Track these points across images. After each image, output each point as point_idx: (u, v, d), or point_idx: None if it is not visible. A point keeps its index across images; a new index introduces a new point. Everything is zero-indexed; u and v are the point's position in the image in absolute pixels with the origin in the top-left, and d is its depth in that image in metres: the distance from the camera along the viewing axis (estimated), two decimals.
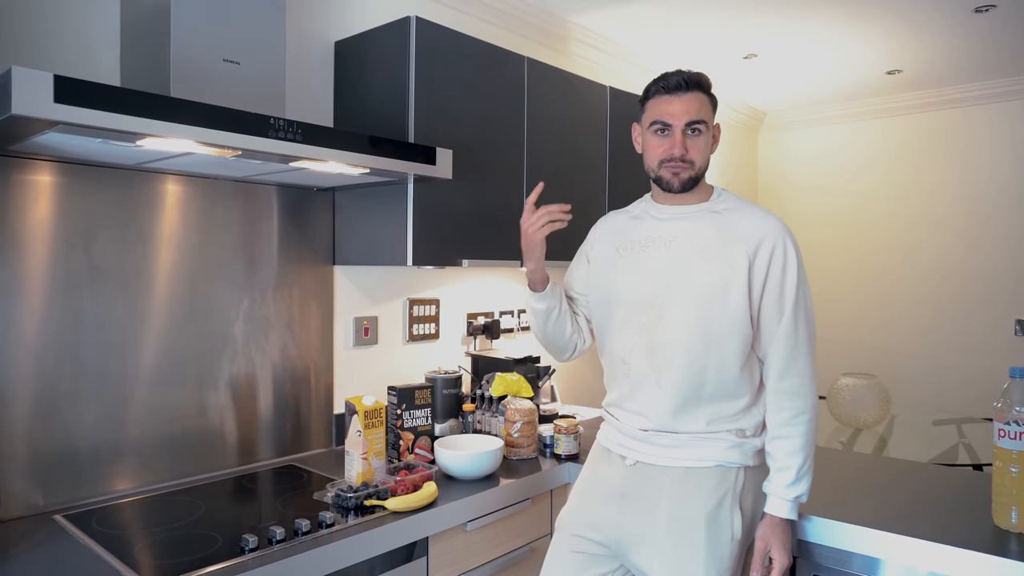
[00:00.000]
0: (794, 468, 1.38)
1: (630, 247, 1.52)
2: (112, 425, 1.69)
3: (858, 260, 4.35)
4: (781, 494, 1.39)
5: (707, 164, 1.47)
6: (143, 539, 1.44)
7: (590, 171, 2.57)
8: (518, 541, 1.87)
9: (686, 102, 1.42)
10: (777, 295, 1.39)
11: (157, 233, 1.77)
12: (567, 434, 2.02)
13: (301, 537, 1.42)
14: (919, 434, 3.07)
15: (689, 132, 1.43)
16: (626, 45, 3.27)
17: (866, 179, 4.33)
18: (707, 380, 1.40)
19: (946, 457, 2.62)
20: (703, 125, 1.43)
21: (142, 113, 1.25)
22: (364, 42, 2.07)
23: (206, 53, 1.57)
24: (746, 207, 1.46)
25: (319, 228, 2.12)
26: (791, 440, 1.39)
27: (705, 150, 1.45)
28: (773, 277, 1.39)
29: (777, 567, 1.38)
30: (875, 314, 4.28)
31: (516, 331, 2.79)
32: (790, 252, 1.40)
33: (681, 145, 1.42)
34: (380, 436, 1.77)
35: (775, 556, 1.38)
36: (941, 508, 1.55)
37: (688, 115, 1.42)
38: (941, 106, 4.03)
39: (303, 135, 1.49)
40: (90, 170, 1.65)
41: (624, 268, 1.51)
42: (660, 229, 1.49)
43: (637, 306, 1.47)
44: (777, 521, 1.39)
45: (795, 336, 1.39)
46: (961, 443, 2.86)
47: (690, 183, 1.45)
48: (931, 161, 4.09)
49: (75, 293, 1.63)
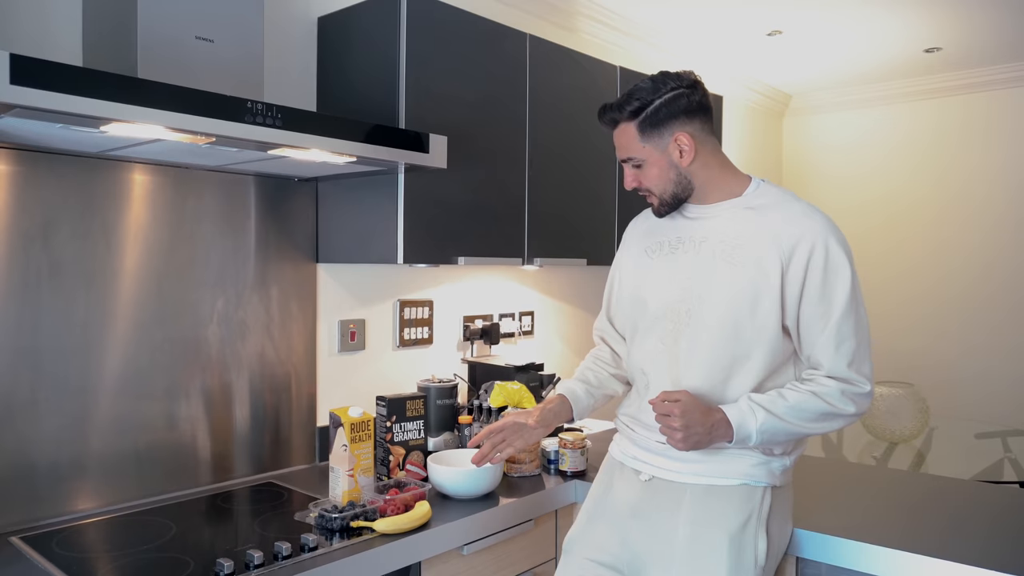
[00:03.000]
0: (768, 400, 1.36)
1: (659, 249, 1.53)
2: (73, 438, 1.69)
3: (890, 254, 4.35)
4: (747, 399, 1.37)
5: (678, 183, 1.46)
6: (108, 563, 1.44)
7: (599, 159, 2.57)
8: (520, 566, 1.87)
9: (616, 138, 1.49)
10: (818, 302, 1.36)
11: (123, 227, 1.77)
12: (573, 449, 2.02)
13: (281, 562, 1.42)
14: (960, 448, 3.07)
15: (631, 166, 1.48)
16: (638, 21, 3.27)
17: (901, 167, 4.33)
18: (729, 393, 1.41)
19: (990, 473, 2.62)
20: (635, 159, 1.46)
21: (106, 96, 1.25)
22: (350, 17, 2.07)
23: (177, 30, 1.57)
24: (786, 203, 1.43)
25: (301, 222, 2.13)
26: (793, 391, 1.37)
27: (659, 177, 1.46)
28: (812, 283, 1.36)
29: (670, 433, 1.33)
30: (910, 314, 4.28)
31: (517, 335, 2.80)
32: (834, 253, 1.37)
33: (631, 179, 1.50)
34: (368, 451, 1.77)
35: (678, 427, 1.33)
36: (984, 529, 1.55)
37: (620, 153, 1.49)
38: (983, 87, 4.03)
39: (283, 120, 1.49)
40: (49, 158, 1.65)
41: (652, 272, 1.52)
42: (691, 229, 1.49)
43: (663, 312, 1.47)
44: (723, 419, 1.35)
45: (837, 347, 1.36)
46: (1007, 458, 2.86)
47: (664, 209, 1.50)
48: (971, 147, 4.09)
49: (32, 293, 1.63)
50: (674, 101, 1.42)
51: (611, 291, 1.70)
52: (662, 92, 1.42)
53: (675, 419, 1.32)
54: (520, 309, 2.83)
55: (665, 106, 1.42)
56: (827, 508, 1.67)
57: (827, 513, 1.64)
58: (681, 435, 1.32)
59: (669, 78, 1.43)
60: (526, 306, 2.85)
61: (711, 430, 1.34)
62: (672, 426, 1.33)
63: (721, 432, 1.35)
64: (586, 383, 1.68)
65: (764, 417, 1.34)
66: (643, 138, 1.44)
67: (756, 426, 1.34)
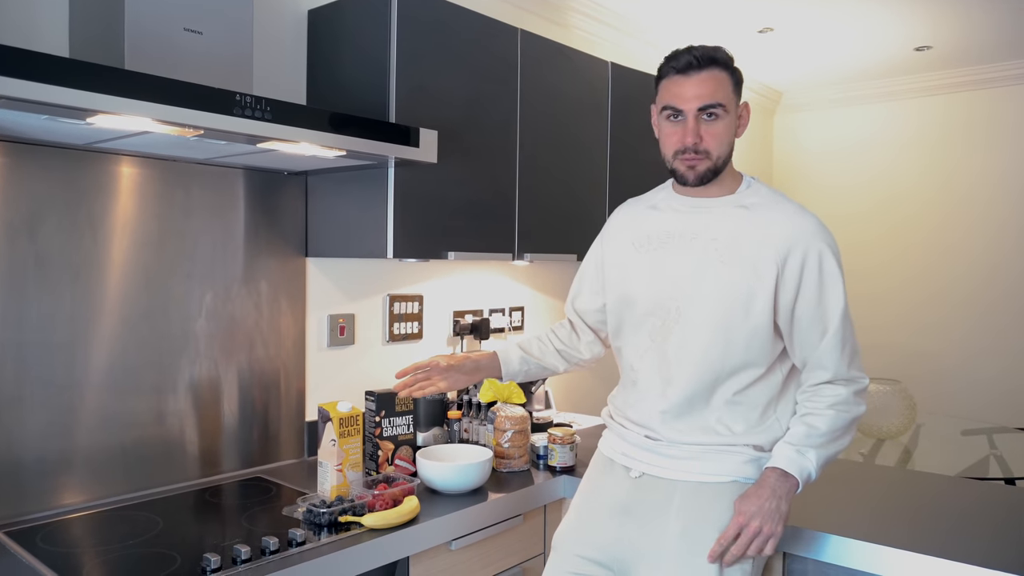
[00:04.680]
0: (806, 436, 1.36)
1: (647, 242, 1.51)
2: (60, 433, 1.68)
3: (878, 252, 4.37)
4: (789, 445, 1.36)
5: (729, 152, 1.43)
6: (93, 558, 1.43)
7: (589, 155, 2.58)
8: (508, 561, 1.87)
9: (699, 83, 1.36)
10: (815, 306, 1.37)
11: (110, 221, 1.76)
12: (563, 444, 2.02)
13: (268, 556, 1.42)
14: (947, 445, 3.09)
15: (705, 117, 1.37)
16: (630, 17, 3.27)
17: (892, 166, 4.35)
18: (719, 392, 1.41)
19: (976, 470, 2.64)
20: (720, 109, 1.37)
21: (93, 87, 1.24)
22: (340, 10, 2.07)
23: (165, 21, 1.56)
24: (778, 203, 1.43)
25: (290, 216, 2.12)
26: (820, 417, 1.37)
27: (725, 136, 1.40)
28: (808, 287, 1.37)
29: (763, 536, 1.31)
30: (898, 315, 4.31)
31: (507, 331, 2.80)
32: (827, 258, 1.37)
33: (694, 133, 1.37)
34: (357, 446, 1.77)
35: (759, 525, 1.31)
36: (970, 525, 1.56)
37: (701, 99, 1.36)
38: (976, 86, 4.05)
39: (272, 113, 1.48)
40: (35, 150, 1.64)
41: (640, 266, 1.50)
42: (680, 223, 1.47)
43: (652, 308, 1.47)
44: (776, 475, 1.34)
45: (841, 352, 1.38)
46: (992, 455, 2.88)
47: (708, 175, 1.41)
48: (965, 147, 4.11)
49: (18, 286, 1.62)
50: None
51: (584, 280, 1.68)
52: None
53: (749, 528, 1.32)
54: (510, 304, 2.83)
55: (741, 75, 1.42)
56: (815, 504, 1.68)
57: (815, 509, 1.65)
58: (766, 528, 1.32)
59: None
60: (516, 301, 2.86)
61: (774, 498, 1.33)
62: (756, 535, 1.32)
63: (783, 489, 1.34)
64: (525, 351, 1.69)
65: (815, 455, 1.36)
66: (734, 90, 1.41)
67: (814, 465, 1.36)
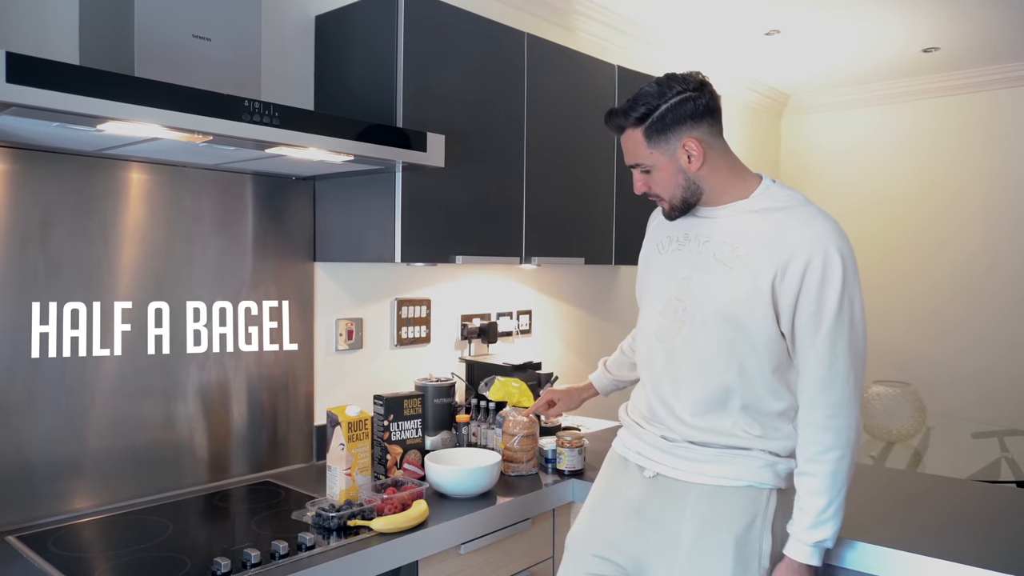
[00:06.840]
0: (813, 511, 1.33)
1: (668, 244, 1.53)
2: (70, 438, 1.69)
3: (889, 254, 4.35)
4: (800, 536, 1.35)
5: (687, 188, 1.43)
6: (104, 562, 1.44)
7: (597, 159, 2.57)
8: (517, 565, 1.87)
9: (623, 143, 1.47)
10: (812, 313, 1.33)
11: (120, 226, 1.77)
12: (571, 448, 2.02)
13: (278, 561, 1.42)
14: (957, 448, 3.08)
15: (640, 171, 1.47)
16: (636, 20, 3.27)
17: (898, 167, 4.33)
18: (731, 397, 1.40)
19: (987, 473, 2.63)
20: (642, 165, 1.44)
21: (103, 94, 1.25)
22: (348, 16, 2.07)
23: (174, 28, 1.57)
24: (792, 208, 1.39)
25: (298, 221, 2.12)
26: (814, 479, 1.34)
27: (667, 182, 1.43)
28: (808, 294, 1.32)
29: None
30: (907, 314, 4.29)
31: (515, 335, 2.80)
32: (832, 265, 1.32)
33: (640, 184, 1.48)
34: (365, 450, 1.77)
35: None
36: (981, 529, 1.56)
37: (627, 159, 1.47)
38: (982, 87, 4.04)
39: (280, 119, 1.49)
40: (46, 157, 1.65)
41: (658, 268, 1.53)
42: (698, 227, 1.48)
43: (661, 307, 1.48)
44: (794, 565, 1.35)
45: (830, 363, 1.32)
46: (1004, 457, 2.86)
47: (679, 210, 1.47)
48: (971, 147, 4.09)
49: (29, 291, 1.63)
50: (680, 106, 1.38)
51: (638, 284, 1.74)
52: (668, 97, 1.38)
53: None
54: (518, 308, 2.83)
55: (671, 111, 1.38)
56: None
57: None
58: None
59: (675, 81, 1.39)
60: (524, 305, 2.86)
61: None
62: None
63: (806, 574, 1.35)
64: (612, 374, 1.92)
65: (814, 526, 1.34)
66: (650, 144, 1.40)
67: (831, 533, 1.34)
